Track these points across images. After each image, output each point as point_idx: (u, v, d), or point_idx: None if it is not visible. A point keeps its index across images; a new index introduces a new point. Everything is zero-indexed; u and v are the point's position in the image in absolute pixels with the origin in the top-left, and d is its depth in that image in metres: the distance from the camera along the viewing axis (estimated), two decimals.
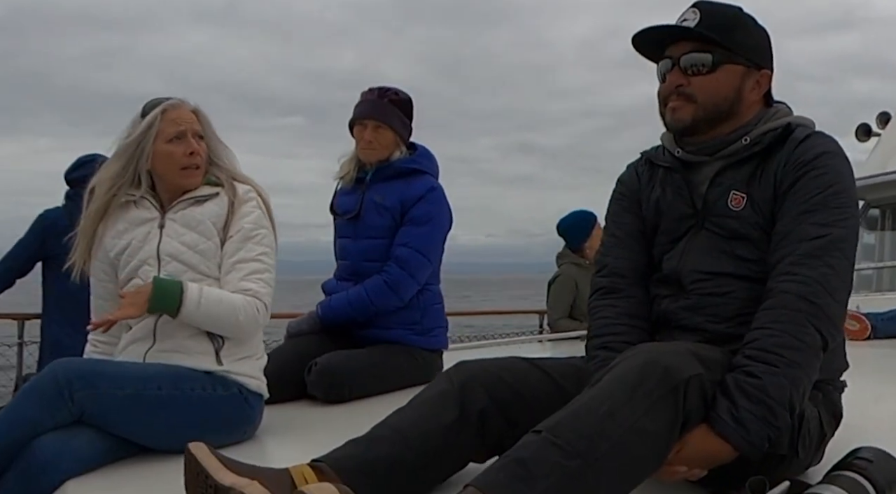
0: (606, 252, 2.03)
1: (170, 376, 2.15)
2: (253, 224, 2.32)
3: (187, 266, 2.27)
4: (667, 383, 1.49)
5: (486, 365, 1.79)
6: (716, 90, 1.84)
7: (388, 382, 2.91)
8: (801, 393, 1.60)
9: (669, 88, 1.87)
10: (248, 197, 2.36)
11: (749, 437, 1.54)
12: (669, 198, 1.94)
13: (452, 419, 1.67)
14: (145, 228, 2.33)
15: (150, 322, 2.27)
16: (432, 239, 3.10)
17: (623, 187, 2.07)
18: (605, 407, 1.47)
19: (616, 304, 1.93)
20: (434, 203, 3.10)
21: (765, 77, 1.89)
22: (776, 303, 1.65)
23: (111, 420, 2.05)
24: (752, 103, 1.89)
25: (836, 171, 1.76)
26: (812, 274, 1.65)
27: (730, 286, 1.81)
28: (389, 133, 3.11)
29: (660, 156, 2.00)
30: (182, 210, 2.33)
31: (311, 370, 2.82)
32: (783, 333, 1.60)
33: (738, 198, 1.82)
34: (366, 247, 3.11)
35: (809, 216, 1.72)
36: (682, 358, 1.55)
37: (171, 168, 2.31)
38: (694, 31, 1.83)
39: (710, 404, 1.57)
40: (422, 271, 3.06)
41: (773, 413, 1.55)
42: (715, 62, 1.83)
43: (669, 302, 1.88)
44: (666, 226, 1.94)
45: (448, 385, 1.73)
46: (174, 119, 2.30)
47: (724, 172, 1.86)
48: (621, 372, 1.53)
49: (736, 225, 1.82)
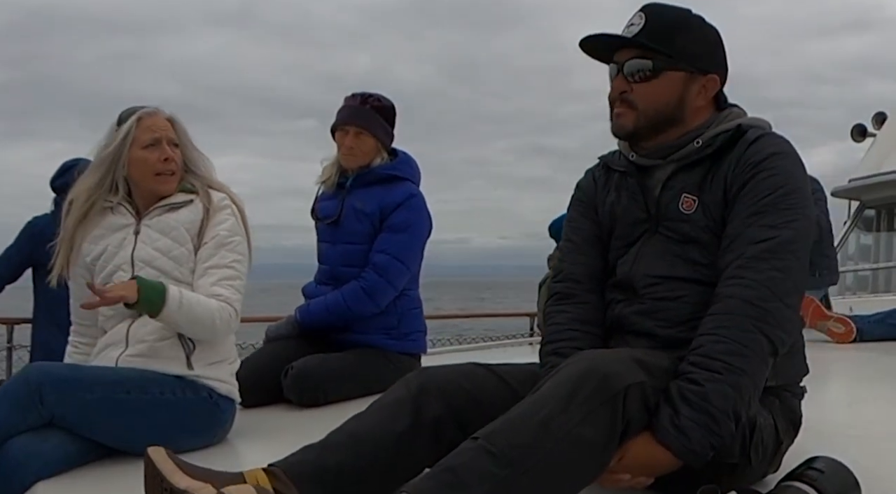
0: (563, 257, 2.04)
1: (139, 380, 2.17)
2: (228, 231, 2.35)
3: (160, 271, 2.30)
4: (605, 391, 1.49)
5: (445, 372, 1.79)
6: (656, 97, 1.84)
7: (363, 386, 2.91)
8: (747, 400, 1.60)
9: (614, 94, 1.88)
10: (222, 204, 2.39)
11: (690, 445, 1.54)
12: (624, 202, 1.94)
13: (406, 426, 1.67)
14: (121, 234, 2.36)
15: (122, 327, 2.30)
16: (411, 246, 3.11)
17: (580, 192, 2.07)
18: (540, 414, 1.47)
19: (568, 310, 1.93)
20: (413, 210, 3.11)
21: (711, 82, 1.88)
22: (722, 308, 1.65)
23: (81, 423, 2.08)
24: (699, 109, 1.88)
25: (787, 172, 1.74)
26: (759, 278, 1.64)
27: (682, 290, 1.80)
28: (371, 139, 3.13)
29: (616, 160, 2.00)
30: (157, 216, 2.36)
31: (287, 373, 2.84)
32: (727, 339, 1.60)
33: (689, 202, 1.82)
34: (344, 252, 3.13)
35: (758, 218, 1.70)
36: (624, 365, 1.55)
37: (147, 174, 2.35)
38: (633, 40, 1.83)
39: (653, 412, 1.57)
40: (399, 278, 3.08)
41: (715, 422, 1.54)
42: (655, 69, 1.83)
43: (623, 307, 1.88)
44: (620, 231, 1.94)
45: (405, 391, 1.73)
46: (149, 126, 2.35)
47: (676, 175, 1.86)
48: (560, 380, 1.53)
49: (687, 228, 1.81)
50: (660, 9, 1.86)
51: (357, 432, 1.68)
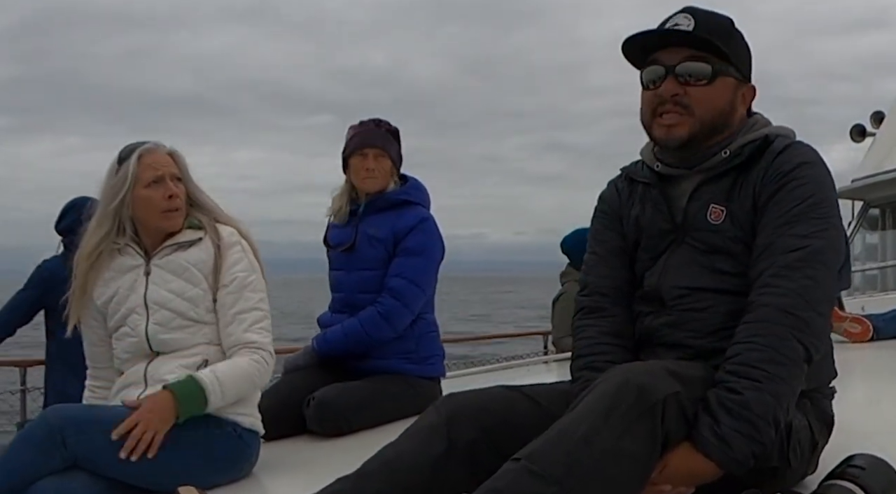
0: (588, 270, 2.02)
1: None
2: (245, 271, 2.35)
3: (176, 313, 2.28)
4: (643, 403, 1.48)
5: (474, 396, 1.77)
6: (714, 103, 1.80)
7: (386, 413, 2.90)
8: (785, 407, 1.59)
9: (664, 97, 1.79)
10: (232, 240, 2.36)
11: (733, 454, 1.53)
12: (649, 214, 1.92)
13: (441, 451, 1.65)
14: (131, 276, 2.34)
15: (140, 367, 2.29)
16: (425, 269, 3.10)
17: (604, 204, 2.05)
18: (581, 431, 1.46)
19: (598, 323, 1.92)
20: (426, 233, 3.11)
21: (751, 90, 1.87)
22: (757, 317, 1.64)
23: (105, 463, 2.06)
24: (741, 116, 1.86)
25: (816, 181, 1.74)
26: (793, 287, 1.64)
27: (709, 301, 1.79)
28: (388, 162, 3.14)
29: (638, 171, 1.97)
30: (167, 256, 2.34)
31: (310, 404, 2.82)
32: (765, 347, 1.59)
33: (717, 212, 1.81)
34: (360, 279, 3.12)
35: (789, 228, 1.70)
36: (658, 376, 1.54)
37: (152, 213, 2.32)
38: (695, 35, 1.77)
39: (692, 422, 1.56)
40: (416, 301, 3.07)
41: (756, 430, 1.54)
42: (714, 72, 1.78)
43: (651, 319, 1.87)
44: (646, 243, 1.93)
45: (435, 417, 1.71)
46: (150, 163, 2.31)
47: (703, 186, 1.84)
48: (597, 395, 1.52)
49: (716, 239, 1.80)
50: (707, 12, 1.82)
51: (391, 460, 1.67)
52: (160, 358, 2.28)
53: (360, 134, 3.15)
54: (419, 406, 2.79)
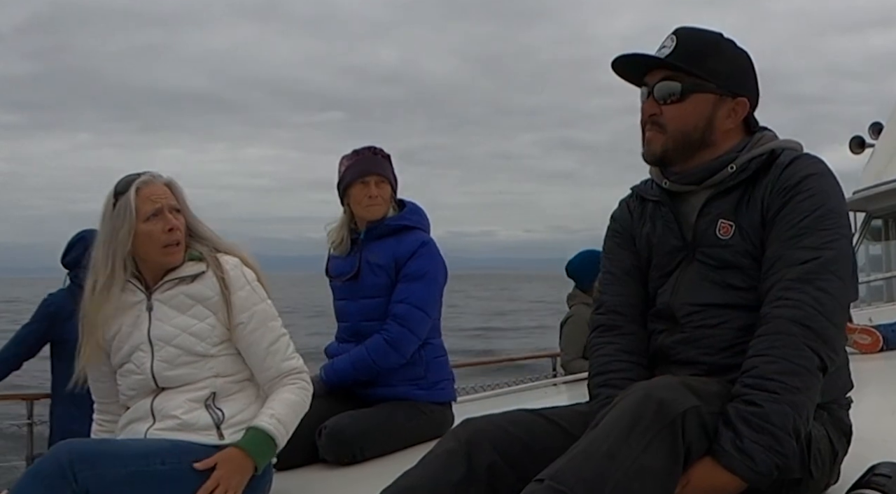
0: (604, 289, 2.03)
1: (173, 449, 2.13)
2: (261, 303, 2.34)
3: (181, 349, 2.25)
4: (663, 418, 1.48)
5: (492, 420, 1.76)
6: (685, 119, 1.84)
7: (399, 439, 2.88)
8: (805, 417, 1.58)
9: (644, 117, 1.89)
10: (236, 273, 2.32)
11: (756, 467, 1.52)
12: (659, 231, 1.93)
13: (461, 476, 1.63)
14: (133, 312, 2.31)
15: (146, 402, 2.26)
16: (429, 293, 3.09)
17: (616, 224, 2.07)
18: (604, 448, 1.46)
19: (615, 341, 1.92)
20: (427, 257, 3.10)
21: (741, 104, 1.88)
22: (771, 329, 1.64)
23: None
24: (728, 131, 1.88)
25: (823, 193, 1.74)
26: (804, 298, 1.64)
27: (722, 316, 1.79)
28: (388, 187, 3.14)
29: (648, 189, 1.99)
30: (169, 290, 2.30)
31: (322, 434, 2.80)
32: (780, 359, 1.59)
33: (726, 227, 1.81)
34: (364, 308, 3.11)
35: (799, 240, 1.70)
36: (676, 391, 1.54)
37: (153, 248, 2.27)
38: (663, 60, 1.84)
39: (713, 436, 1.55)
40: (421, 326, 3.05)
41: (778, 441, 1.53)
42: (684, 90, 1.83)
43: (665, 337, 1.87)
44: (658, 261, 1.94)
45: (454, 442, 1.70)
46: (148, 196, 2.27)
47: (712, 201, 1.85)
48: (618, 412, 1.52)
49: (725, 254, 1.81)
50: (691, 32, 1.87)
51: (411, 486, 1.65)
52: (166, 392, 2.26)
53: (358, 162, 3.14)
54: (431, 431, 2.79)
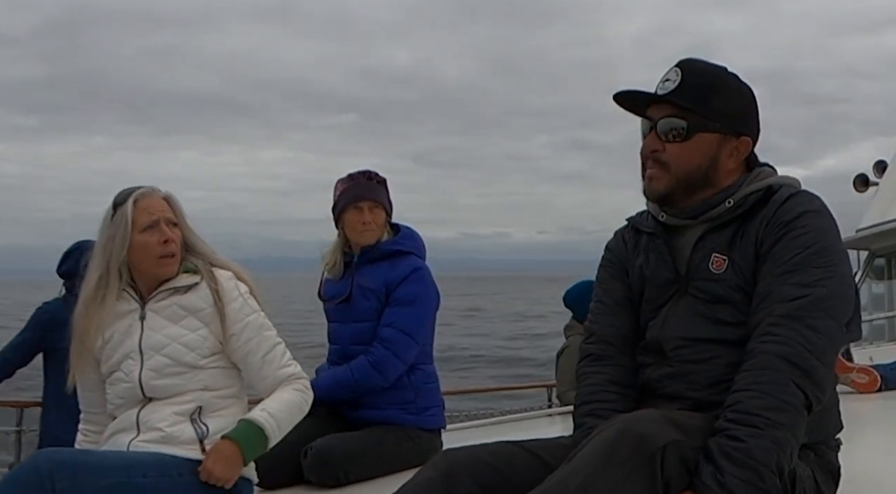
0: (595, 319, 2.02)
1: (155, 463, 2.12)
2: (255, 314, 2.35)
3: (171, 359, 2.26)
4: (641, 452, 1.46)
5: (473, 451, 1.74)
6: (689, 159, 1.82)
7: (385, 464, 2.86)
8: (788, 454, 1.56)
9: (646, 152, 1.86)
10: (229, 286, 2.34)
11: None
12: (653, 264, 1.92)
13: None
14: (126, 321, 2.32)
15: (132, 413, 2.26)
16: (417, 319, 3.09)
17: (610, 254, 2.06)
18: (577, 480, 1.44)
19: (603, 371, 1.91)
20: (419, 283, 3.10)
21: (744, 144, 1.86)
22: (757, 364, 1.62)
23: None
24: (730, 170, 1.86)
25: (819, 230, 1.73)
26: (792, 335, 1.62)
27: (710, 352, 1.78)
28: (382, 213, 3.15)
29: (644, 221, 1.98)
30: (162, 301, 2.32)
31: (307, 454, 2.78)
32: (765, 394, 1.57)
33: (719, 261, 1.80)
34: (354, 331, 3.11)
35: (789, 277, 1.68)
36: (657, 425, 1.52)
37: (148, 258, 2.30)
38: (668, 97, 1.81)
39: (694, 470, 1.53)
40: (407, 351, 3.04)
41: (760, 477, 1.50)
42: (689, 130, 1.81)
43: (652, 371, 1.86)
44: (650, 294, 1.92)
45: (433, 472, 1.68)
46: (146, 208, 2.31)
47: (707, 235, 1.84)
48: (595, 445, 1.50)
49: (717, 288, 1.79)
50: (696, 66, 1.85)
51: None
52: (153, 404, 2.25)
53: (352, 187, 3.15)
54: (419, 458, 2.75)
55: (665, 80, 1.84)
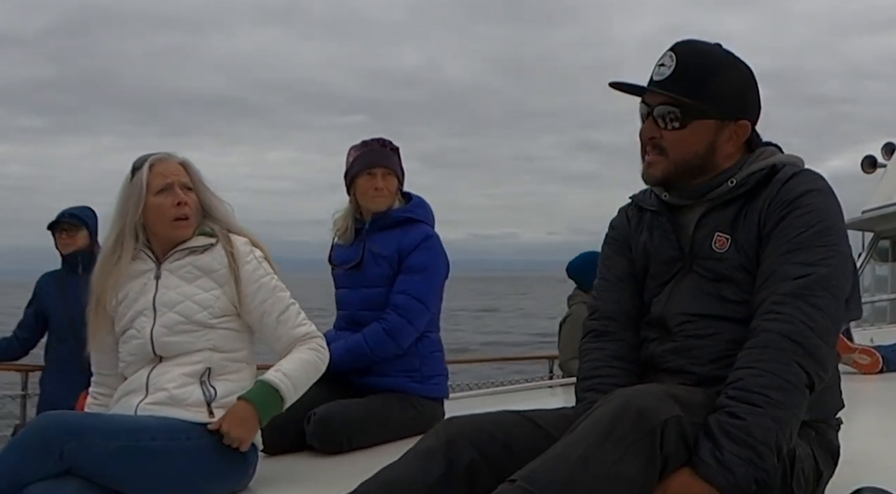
0: (598, 295, 2.03)
1: (163, 426, 2.15)
2: (269, 276, 2.39)
3: (183, 316, 2.29)
4: (641, 426, 1.47)
5: (475, 420, 1.76)
6: (687, 146, 1.82)
7: (388, 431, 2.88)
8: (788, 433, 1.57)
9: (643, 138, 1.87)
10: (245, 250, 2.38)
11: (735, 480, 1.51)
12: (657, 241, 1.92)
13: (439, 474, 1.63)
14: (142, 280, 2.37)
15: (143, 373, 2.29)
16: (430, 286, 3.11)
17: (614, 231, 2.06)
18: (578, 452, 1.46)
19: (605, 347, 1.92)
20: (430, 251, 3.12)
21: (742, 128, 1.84)
22: (759, 342, 1.63)
23: (102, 472, 2.04)
24: (729, 154, 1.85)
25: (821, 209, 1.73)
26: (795, 314, 1.62)
27: (714, 328, 1.78)
28: (395, 180, 3.17)
29: (647, 199, 1.98)
30: (178, 260, 2.36)
31: (310, 420, 2.80)
32: (767, 373, 1.58)
33: (721, 240, 1.81)
34: (364, 297, 3.13)
35: (793, 255, 1.69)
36: (658, 400, 1.53)
37: (162, 220, 2.35)
38: (662, 85, 1.80)
39: (693, 447, 1.54)
40: (420, 318, 3.06)
41: (758, 455, 1.52)
42: (685, 118, 1.80)
43: (656, 346, 1.87)
44: (654, 270, 1.93)
45: (435, 441, 1.70)
46: (161, 172, 2.36)
47: (709, 214, 1.85)
48: (596, 418, 1.51)
49: (720, 267, 1.80)
50: (691, 49, 1.83)
51: (390, 481, 1.65)
52: (162, 364, 2.28)
53: (366, 153, 3.16)
54: (421, 426, 2.77)
55: (660, 65, 1.83)
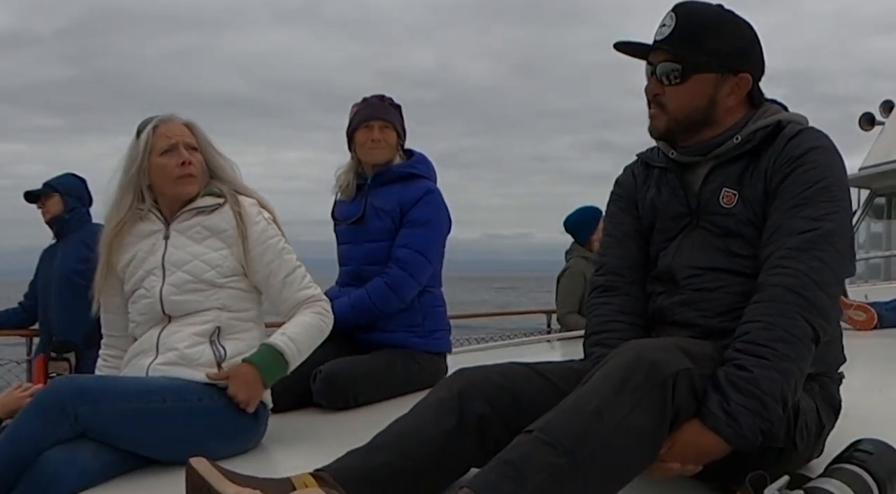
0: (604, 252, 2.05)
1: (174, 388, 2.16)
2: (276, 237, 2.40)
3: (192, 275, 2.31)
4: (653, 378, 1.50)
5: (485, 372, 1.79)
6: (687, 99, 1.85)
7: (393, 387, 2.92)
8: (793, 385, 1.60)
9: (648, 95, 1.91)
10: (253, 210, 2.39)
11: (741, 431, 1.54)
12: (665, 197, 1.95)
13: (451, 425, 1.67)
14: (150, 240, 2.38)
15: (153, 333, 2.30)
16: (431, 240, 3.13)
17: (620, 188, 2.08)
18: (592, 404, 1.48)
19: (612, 301, 1.95)
20: (432, 205, 3.14)
21: (743, 81, 1.87)
22: (766, 297, 1.66)
23: (116, 434, 2.06)
24: (731, 108, 1.88)
25: (826, 165, 1.76)
26: (801, 268, 1.65)
27: (721, 281, 1.81)
28: (393, 134, 3.17)
29: (654, 157, 2.01)
30: (186, 221, 2.37)
31: (316, 378, 2.83)
32: (773, 326, 1.61)
33: (729, 196, 1.83)
34: (367, 251, 3.15)
35: (799, 210, 1.71)
36: (669, 353, 1.56)
37: (167, 179, 2.35)
38: (662, 44, 1.85)
39: (701, 398, 1.57)
40: (422, 272, 3.09)
41: (765, 407, 1.55)
42: (685, 72, 1.84)
43: (664, 299, 1.89)
44: (662, 225, 1.95)
45: (446, 392, 1.73)
46: (164, 133, 2.36)
47: (716, 170, 1.87)
48: (609, 370, 1.54)
49: (728, 222, 1.82)
50: (690, 8, 1.87)
51: (402, 433, 1.68)
52: (172, 324, 2.30)
53: (364, 108, 3.18)
54: (425, 380, 2.81)
55: (662, 25, 1.87)
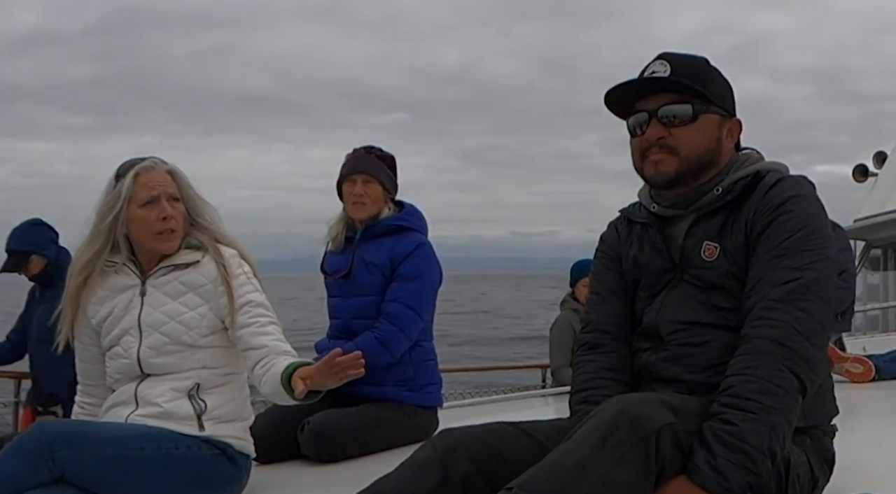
0: (590, 309, 2.05)
1: (153, 435, 2.13)
2: (254, 292, 2.31)
3: (169, 338, 2.25)
4: (637, 433, 1.48)
5: (470, 431, 1.75)
6: (698, 141, 1.84)
7: (382, 440, 2.88)
8: (781, 438, 1.58)
9: (650, 141, 1.85)
10: (234, 262, 2.32)
11: (729, 486, 1.51)
12: (647, 253, 1.94)
13: (435, 484, 1.63)
14: (126, 296, 2.31)
15: (130, 387, 2.26)
16: (422, 294, 3.10)
17: (604, 245, 2.08)
18: (575, 459, 1.46)
19: (598, 359, 1.93)
20: (423, 259, 3.11)
21: (736, 124, 1.90)
22: (750, 349, 1.64)
23: (93, 480, 2.03)
24: (728, 150, 1.90)
25: (806, 214, 1.75)
26: (785, 319, 1.64)
27: (706, 335, 1.80)
28: (378, 187, 3.14)
29: (636, 212, 2.01)
30: (163, 276, 2.30)
31: (304, 429, 2.79)
32: (758, 379, 1.59)
33: (710, 249, 1.82)
34: (357, 306, 3.12)
35: (781, 260, 1.70)
36: (653, 408, 1.54)
37: (147, 233, 2.27)
38: (671, 80, 1.83)
39: (688, 454, 1.55)
40: (413, 327, 3.06)
41: (752, 461, 1.52)
42: (695, 112, 1.83)
43: (649, 355, 1.88)
44: (646, 281, 1.95)
45: (431, 452, 1.69)
46: (146, 182, 2.27)
47: (698, 223, 1.86)
48: (592, 425, 1.52)
49: (711, 275, 1.82)
50: (678, 55, 1.88)
51: (385, 491, 1.64)
52: (151, 379, 2.26)
53: (349, 161, 3.17)
54: (415, 435, 2.77)
55: (653, 72, 1.85)
